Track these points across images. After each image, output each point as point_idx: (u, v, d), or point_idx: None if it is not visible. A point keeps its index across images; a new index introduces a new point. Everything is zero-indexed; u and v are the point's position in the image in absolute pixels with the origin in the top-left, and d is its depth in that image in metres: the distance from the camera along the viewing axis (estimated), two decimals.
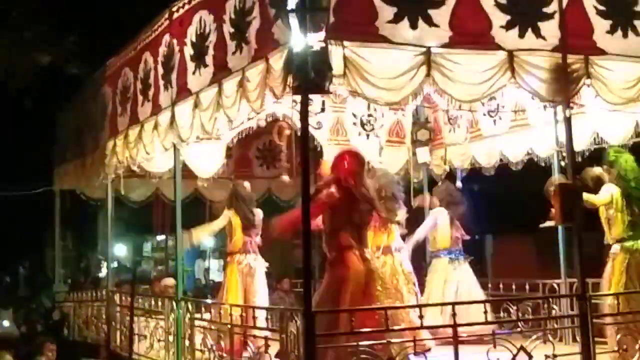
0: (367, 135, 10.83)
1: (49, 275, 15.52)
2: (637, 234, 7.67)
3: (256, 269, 8.80)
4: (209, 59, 7.14)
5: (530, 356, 6.00)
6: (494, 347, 5.94)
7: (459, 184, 10.70)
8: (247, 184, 9.20)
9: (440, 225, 9.79)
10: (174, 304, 8.00)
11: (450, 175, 10.79)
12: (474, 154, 10.48)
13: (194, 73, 7.44)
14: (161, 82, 8.21)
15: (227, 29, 6.76)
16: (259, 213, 9.08)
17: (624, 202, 7.66)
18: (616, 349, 6.65)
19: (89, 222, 16.54)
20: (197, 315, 7.79)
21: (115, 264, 15.42)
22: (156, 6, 8.40)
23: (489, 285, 10.41)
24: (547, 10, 6.34)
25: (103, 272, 13.68)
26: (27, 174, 15.74)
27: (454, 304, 6.81)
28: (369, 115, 10.55)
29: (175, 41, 7.88)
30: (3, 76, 15.68)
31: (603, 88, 6.57)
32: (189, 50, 7.53)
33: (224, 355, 7.07)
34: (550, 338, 6.55)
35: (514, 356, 5.96)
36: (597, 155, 8.46)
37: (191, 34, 7.47)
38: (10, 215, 17.49)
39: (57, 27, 15.87)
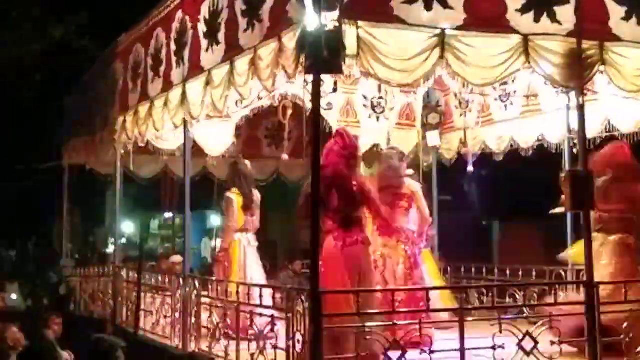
0: (378, 118, 10.79)
1: (56, 250, 15.56)
2: None
3: (254, 248, 8.84)
4: (221, 36, 7.11)
5: (536, 342, 5.99)
6: (500, 332, 5.94)
7: (470, 168, 10.68)
8: (247, 162, 9.12)
9: None
10: (181, 281, 8.02)
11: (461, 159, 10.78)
12: (484, 139, 10.45)
13: (207, 50, 7.41)
14: (173, 59, 8.19)
15: (240, 6, 6.72)
16: (257, 194, 9.02)
17: None
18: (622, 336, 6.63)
19: (97, 198, 16.55)
20: (204, 293, 7.81)
21: (122, 240, 15.48)
22: None
23: (495, 271, 10.39)
24: None
25: (110, 248, 13.69)
26: (36, 149, 15.79)
27: (452, 287, 6.80)
28: (380, 98, 10.50)
29: (188, 18, 7.85)
30: (15, 51, 15.68)
31: (617, 75, 6.55)
32: (202, 27, 7.50)
33: (230, 332, 7.07)
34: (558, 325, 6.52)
35: (520, 341, 5.97)
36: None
37: (204, 10, 7.43)
38: (19, 190, 17.56)
39: (70, 2, 15.85)
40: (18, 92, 16.24)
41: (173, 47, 8.19)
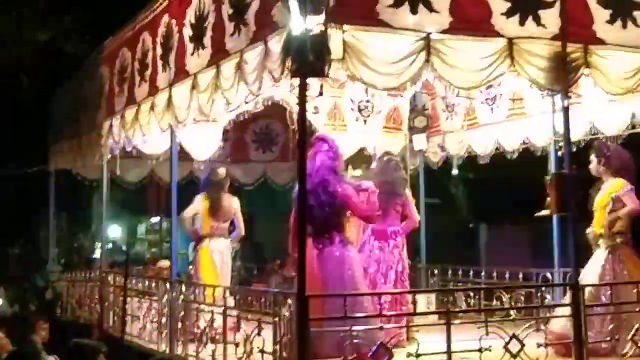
0: (365, 121, 10.82)
1: (42, 255, 15.50)
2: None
3: (223, 253, 9.00)
4: (207, 41, 7.10)
5: (522, 344, 6.01)
6: (487, 334, 5.95)
7: (455, 171, 10.73)
8: (222, 170, 9.25)
9: None
10: (168, 285, 8.00)
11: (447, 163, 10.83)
12: (470, 142, 10.50)
13: (192, 54, 7.40)
14: (159, 63, 8.17)
15: (226, 10, 6.72)
16: (232, 200, 9.13)
17: None
18: (608, 339, 6.67)
19: (84, 202, 16.50)
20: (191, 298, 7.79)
21: (109, 245, 15.41)
22: None
23: (483, 274, 10.41)
24: None
25: (97, 253, 13.65)
26: (23, 154, 15.70)
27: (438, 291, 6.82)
28: (367, 101, 10.53)
29: (174, 22, 7.84)
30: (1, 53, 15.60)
31: (602, 78, 6.58)
32: (188, 32, 7.49)
33: (217, 337, 7.06)
34: (543, 327, 6.56)
35: (507, 344, 5.98)
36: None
37: (190, 14, 7.43)
38: (5, 194, 17.45)
39: (56, 5, 15.78)
40: (3, 95, 16.15)
41: (159, 51, 8.18)
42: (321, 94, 6.21)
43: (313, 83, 5.97)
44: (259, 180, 12.50)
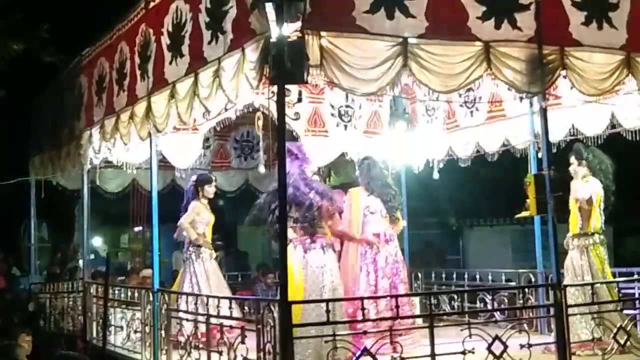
0: (345, 126, 10.84)
1: (24, 266, 15.38)
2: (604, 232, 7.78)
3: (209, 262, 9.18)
4: (185, 49, 7.11)
5: (505, 345, 6.03)
6: (470, 336, 5.97)
7: (436, 174, 10.75)
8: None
9: None
10: (151, 295, 7.97)
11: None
12: (450, 145, 10.54)
13: (170, 63, 7.40)
14: (137, 72, 8.16)
15: (203, 18, 6.72)
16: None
17: (601, 198, 7.71)
18: (590, 338, 6.71)
19: (65, 213, 16.40)
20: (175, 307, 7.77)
21: (92, 256, 15.33)
22: None
23: (466, 276, 10.46)
24: (523, 1, 6.39)
25: (79, 264, 13.55)
26: (2, 165, 15.57)
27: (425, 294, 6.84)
28: (347, 106, 10.55)
29: (151, 31, 7.83)
30: None
31: (578, 79, 6.63)
32: (165, 40, 7.49)
33: (200, 345, 7.04)
34: (526, 327, 6.59)
35: (489, 345, 6.01)
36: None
37: (167, 23, 7.43)
38: None
39: (33, 15, 15.67)
40: None
41: (137, 60, 8.16)
42: (300, 100, 6.21)
43: (293, 89, 5.98)
44: (241, 188, 12.47)
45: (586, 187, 7.71)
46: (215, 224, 9.59)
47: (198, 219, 9.18)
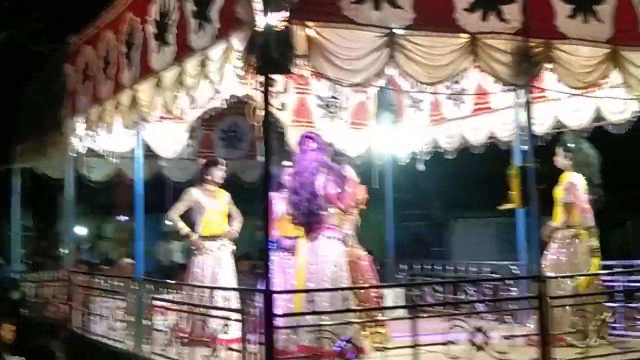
0: (331, 117, 10.86)
1: (7, 255, 15.32)
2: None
3: None
4: (171, 38, 7.07)
5: (487, 337, 6.06)
6: (452, 327, 5.99)
7: (421, 166, 10.78)
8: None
9: None
10: (135, 284, 7.96)
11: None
12: (436, 137, 10.57)
13: (156, 52, 7.36)
14: (123, 61, 8.11)
15: (190, 7, 6.69)
16: None
17: (585, 191, 7.75)
18: (573, 330, 6.76)
19: (50, 201, 16.34)
20: (158, 296, 7.77)
21: (76, 245, 15.29)
22: None
23: (450, 268, 10.50)
24: None
25: (63, 253, 13.53)
26: None
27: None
28: (333, 97, 10.56)
29: (137, 19, 7.79)
30: None
31: (564, 72, 6.65)
32: (151, 29, 7.44)
33: (184, 335, 7.05)
34: (511, 319, 6.62)
35: (472, 336, 6.02)
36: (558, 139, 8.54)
37: (154, 12, 7.38)
38: None
39: (21, 3, 15.59)
40: None
41: (123, 49, 8.12)
42: (286, 90, 6.20)
43: (279, 79, 5.97)
44: (227, 179, 12.42)
45: (570, 186, 7.75)
46: None
47: (196, 206, 8.64)
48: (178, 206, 8.66)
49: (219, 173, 8.84)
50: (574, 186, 7.66)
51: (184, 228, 8.57)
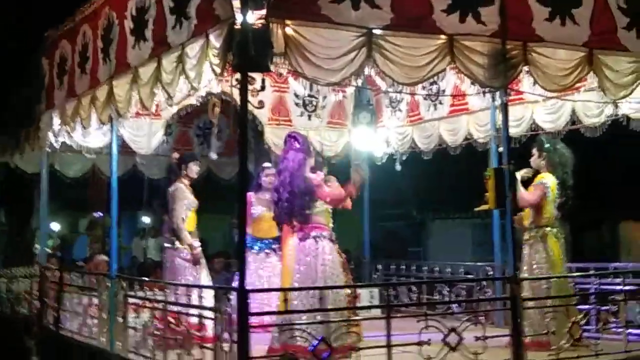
0: (309, 116, 10.87)
1: None
2: (560, 225, 7.88)
3: None
4: (148, 33, 7.02)
5: (460, 337, 6.08)
6: (426, 328, 6.01)
7: (398, 166, 10.81)
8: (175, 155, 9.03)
9: None
10: (108, 281, 7.91)
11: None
12: (413, 137, 10.60)
13: (133, 47, 7.31)
14: (100, 56, 8.05)
15: (167, 3, 6.64)
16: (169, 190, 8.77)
17: (556, 193, 7.80)
18: (544, 332, 6.80)
19: (24, 196, 16.21)
20: (132, 293, 7.72)
21: (50, 241, 15.17)
22: None
23: (425, 268, 10.54)
24: None
25: (37, 248, 13.43)
26: None
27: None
28: (311, 96, 10.56)
29: (114, 14, 7.73)
30: None
31: (540, 75, 6.68)
32: (128, 24, 7.39)
33: (158, 333, 7.00)
34: (483, 320, 6.64)
35: (445, 337, 6.05)
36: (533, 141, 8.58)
37: (131, 7, 7.33)
38: None
39: None
40: None
41: (100, 43, 8.05)
42: (263, 88, 6.18)
43: (257, 77, 5.95)
44: (202, 175, 12.37)
45: (537, 188, 7.82)
46: None
47: (186, 204, 8.61)
48: (180, 210, 8.52)
49: (195, 168, 8.89)
50: (541, 185, 7.74)
51: (188, 237, 8.46)
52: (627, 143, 9.67)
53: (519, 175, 7.67)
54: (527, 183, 7.89)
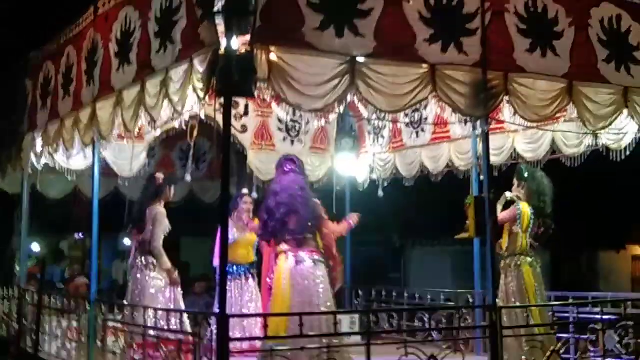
0: (292, 141, 10.91)
1: None
2: (536, 254, 7.95)
3: None
4: (132, 57, 7.05)
5: None
6: (406, 355, 6.01)
7: (380, 193, 10.85)
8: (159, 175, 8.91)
9: None
10: (87, 305, 7.85)
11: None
12: (396, 164, 10.65)
13: (117, 70, 7.33)
14: (84, 78, 8.06)
15: (152, 27, 6.68)
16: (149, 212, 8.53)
17: (531, 221, 7.88)
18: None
19: (5, 217, 16.10)
20: (112, 317, 7.67)
21: (29, 263, 15.04)
22: (83, 1, 8.25)
23: (405, 295, 10.54)
24: (470, 26, 6.47)
25: (17, 269, 13.33)
26: None
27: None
28: (294, 121, 10.61)
29: (99, 36, 7.75)
30: None
31: (521, 105, 6.75)
32: (113, 47, 7.42)
33: (136, 358, 6.96)
34: (462, 347, 6.65)
35: None
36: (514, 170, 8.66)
37: (116, 30, 7.36)
38: None
39: None
40: None
41: (84, 66, 8.07)
42: (246, 113, 6.23)
43: (241, 102, 5.98)
44: (185, 198, 12.35)
45: (511, 210, 7.91)
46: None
47: (164, 229, 8.39)
48: (160, 235, 8.33)
49: (174, 191, 8.78)
50: (515, 208, 7.83)
51: (168, 263, 8.30)
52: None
53: (508, 194, 7.79)
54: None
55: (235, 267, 9.05)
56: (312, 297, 6.91)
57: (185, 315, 7.00)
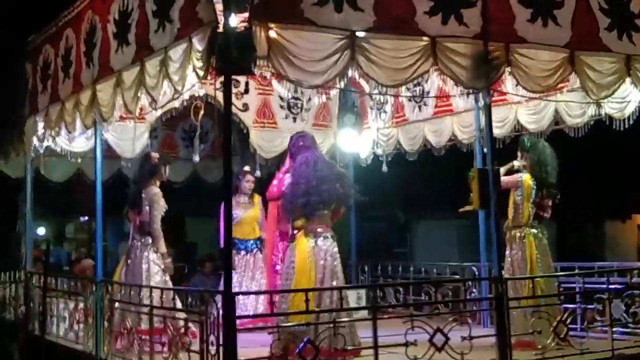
0: (294, 119, 10.89)
1: None
2: (541, 225, 7.94)
3: None
4: (131, 37, 7.01)
5: (447, 337, 6.10)
6: (412, 328, 6.02)
7: (384, 168, 10.83)
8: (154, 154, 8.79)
9: None
10: (94, 285, 7.88)
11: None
12: (398, 139, 10.63)
13: (116, 51, 7.30)
14: (83, 60, 8.04)
15: (150, 6, 6.64)
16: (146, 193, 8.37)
17: (533, 191, 7.86)
18: (530, 331, 6.83)
19: (9, 201, 16.12)
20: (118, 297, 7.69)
21: (34, 245, 15.07)
22: None
23: (411, 269, 10.56)
24: None
25: (22, 253, 13.37)
26: None
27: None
28: (296, 98, 10.57)
29: (97, 18, 7.72)
30: None
31: (523, 76, 6.70)
32: (111, 28, 7.38)
33: (144, 337, 6.99)
34: (469, 320, 6.66)
35: (431, 337, 6.06)
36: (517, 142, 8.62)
37: (114, 11, 7.32)
38: None
39: None
40: None
41: (83, 48, 8.04)
42: (247, 90, 6.20)
43: (241, 80, 5.95)
44: (188, 178, 12.35)
45: (514, 176, 7.91)
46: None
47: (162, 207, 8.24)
48: (159, 216, 8.20)
49: (167, 171, 8.65)
50: (515, 175, 7.83)
51: (163, 247, 8.19)
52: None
53: (516, 162, 7.80)
54: None
55: (247, 243, 9.11)
56: (333, 273, 7.06)
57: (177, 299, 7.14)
